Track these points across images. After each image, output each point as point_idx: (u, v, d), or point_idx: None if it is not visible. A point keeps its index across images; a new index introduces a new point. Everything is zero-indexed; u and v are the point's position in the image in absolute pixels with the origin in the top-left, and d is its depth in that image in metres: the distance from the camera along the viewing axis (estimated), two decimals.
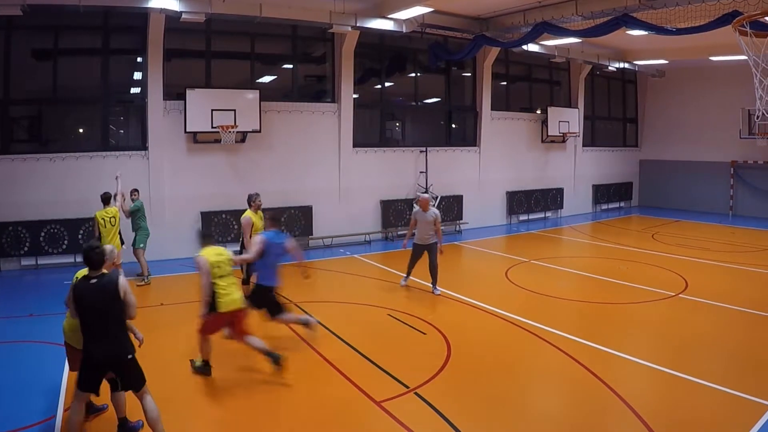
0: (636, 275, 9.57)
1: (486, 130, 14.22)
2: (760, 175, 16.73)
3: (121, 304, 3.67)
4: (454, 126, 14.44)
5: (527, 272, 9.65)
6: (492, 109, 14.30)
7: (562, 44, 13.91)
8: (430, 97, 14.14)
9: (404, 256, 9.83)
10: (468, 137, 14.42)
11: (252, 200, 7.05)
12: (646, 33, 11.27)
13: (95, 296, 3.60)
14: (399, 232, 12.50)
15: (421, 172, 12.93)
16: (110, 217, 7.45)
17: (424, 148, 12.99)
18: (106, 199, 7.60)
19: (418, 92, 13.45)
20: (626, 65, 16.27)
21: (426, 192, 12.68)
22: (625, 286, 8.84)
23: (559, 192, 16.26)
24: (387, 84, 12.96)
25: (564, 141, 16.25)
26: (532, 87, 16.09)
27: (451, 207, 13.46)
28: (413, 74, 13.45)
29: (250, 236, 6.57)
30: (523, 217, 15.39)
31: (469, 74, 14.30)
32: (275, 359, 4.93)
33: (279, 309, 5.60)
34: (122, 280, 3.72)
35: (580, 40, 13.24)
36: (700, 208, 17.75)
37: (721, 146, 17.15)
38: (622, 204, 18.91)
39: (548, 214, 16.23)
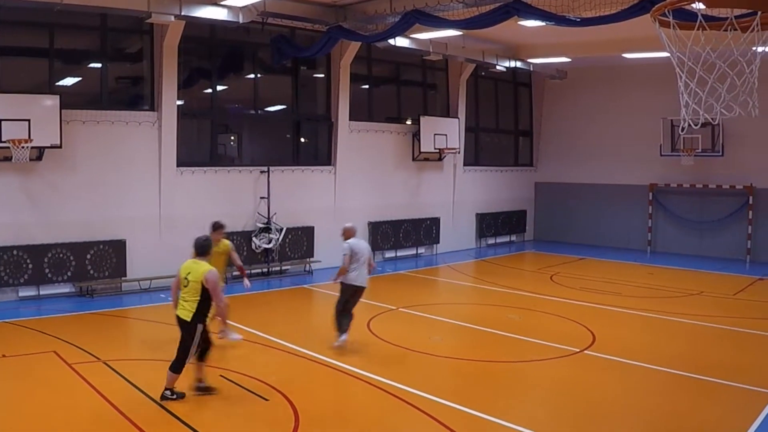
0: (530, 327, 12.81)
1: (343, 145, 19.14)
2: (685, 201, 22.77)
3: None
4: (303, 140, 19.39)
5: (394, 322, 12.91)
6: (351, 119, 19.29)
7: (438, 38, 18.52)
8: (274, 105, 18.95)
9: (245, 302, 13.87)
10: (321, 154, 19.33)
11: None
12: (543, 24, 14.80)
13: None
14: (234, 273, 16.55)
15: (262, 198, 17.37)
16: None
17: (266, 168, 17.45)
18: None
19: (258, 98, 18.00)
20: (519, 64, 22.30)
21: (268, 223, 16.99)
22: (517, 339, 11.87)
23: (435, 223, 21.90)
24: (220, 88, 17.34)
25: (441, 159, 21.96)
26: (402, 92, 21.76)
27: (299, 241, 18.05)
28: (252, 75, 18.06)
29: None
30: (389, 254, 20.63)
31: (323, 75, 19.27)
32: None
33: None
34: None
35: (460, 33, 17.63)
36: (611, 243, 23.91)
37: (638, 165, 23.54)
38: (514, 238, 25.43)
39: (421, 250, 21.84)
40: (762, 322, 13.39)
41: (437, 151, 21.23)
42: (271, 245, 17.28)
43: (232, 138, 18.33)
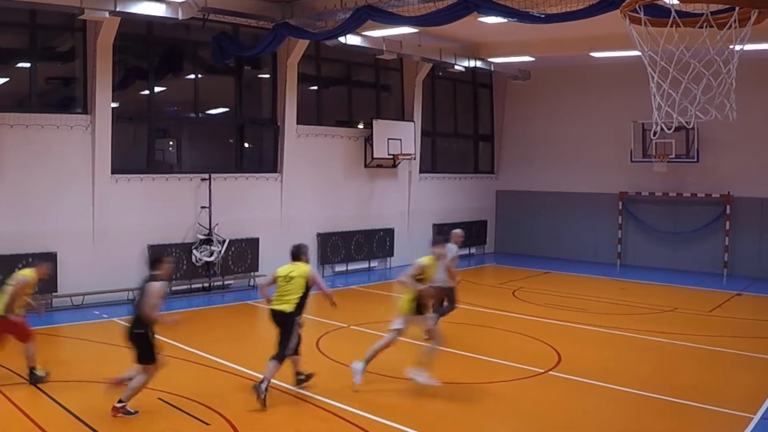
0: (491, 346, 13.47)
1: (291, 150, 20.22)
2: (657, 211, 23.90)
3: None
4: (247, 145, 20.39)
5: (345, 341, 13.55)
6: (298, 123, 20.38)
7: (392, 36, 19.51)
8: (216, 107, 20.00)
9: (184, 319, 14.24)
10: (266, 160, 20.38)
11: None
12: (504, 20, 15.42)
13: None
14: (173, 288, 17.50)
15: (202, 207, 18.29)
16: None
17: (207, 175, 18.38)
18: None
19: (199, 100, 19.00)
20: (479, 64, 23.63)
21: (210, 234, 17.93)
22: (477, 359, 12.45)
23: (389, 234, 23.16)
24: (158, 89, 18.24)
25: (395, 165, 23.22)
26: (353, 93, 22.97)
27: (243, 254, 19.03)
28: (193, 76, 19.04)
29: None
30: (340, 268, 21.79)
31: (268, 76, 20.33)
32: None
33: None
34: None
35: (416, 30, 18.60)
36: (578, 256, 24.98)
37: (606, 173, 24.80)
38: (473, 250, 26.66)
39: (374, 263, 23.05)
40: (740, 341, 14.14)
41: (391, 157, 22.40)
42: (212, 258, 18.17)
43: (171, 143, 19.15)
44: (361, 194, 22.57)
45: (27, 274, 10.93)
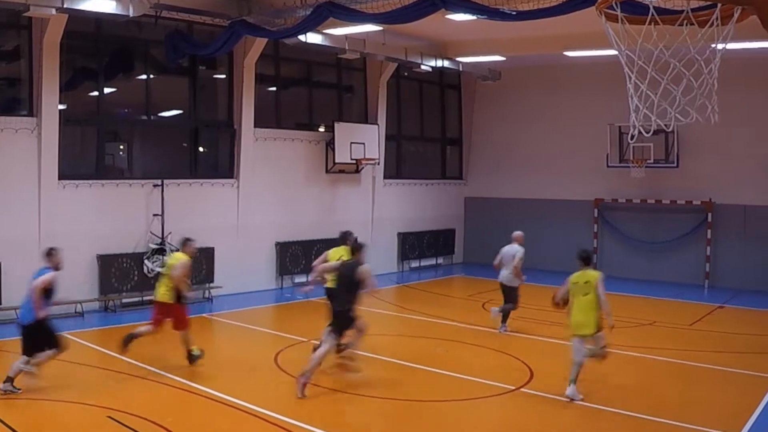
0: (460, 361, 13.82)
1: (248, 155, 20.89)
2: (635, 219, 24.56)
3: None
4: (202, 149, 21.03)
5: (306, 356, 13.08)
6: (256, 126, 21.04)
7: (355, 34, 20.07)
8: (169, 109, 20.62)
9: (149, 336, 14.82)
10: (222, 165, 21.04)
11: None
12: (473, 18, 15.88)
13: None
14: (124, 300, 18.09)
15: (155, 215, 18.84)
16: None
17: (159, 181, 18.94)
18: None
19: (151, 102, 19.56)
20: (446, 63, 24.46)
21: (163, 243, 18.51)
22: (445, 376, 12.76)
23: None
24: (107, 90, 18.77)
25: (358, 171, 24.00)
26: (314, 95, 23.74)
27: (198, 265, 19.24)
28: (145, 76, 19.59)
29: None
30: (299, 279, 22.32)
31: (224, 76, 20.98)
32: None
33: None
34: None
35: (380, 28, 19.33)
36: (551, 267, 24.49)
37: (581, 178, 25.59)
38: (441, 260, 27.59)
39: None
40: (722, 356, 14.56)
41: (354, 162, 23.20)
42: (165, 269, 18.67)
43: (122, 147, 19.72)
44: (322, 201, 23.28)
45: (181, 257, 13.31)
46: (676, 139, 22.90)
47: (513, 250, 16.58)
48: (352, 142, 23.07)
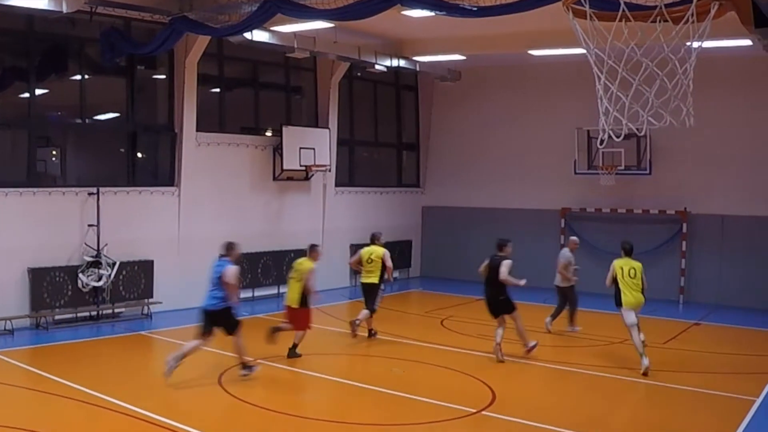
0: (417, 382, 14.16)
1: (190, 161, 21.51)
2: (604, 230, 24.85)
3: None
4: (140, 155, 21.56)
5: (252, 377, 14.14)
6: (198, 130, 21.63)
7: (305, 31, 20.66)
8: (105, 112, 21.10)
9: (69, 352, 15.48)
10: (162, 172, 21.63)
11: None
12: (431, 14, 16.18)
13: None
14: (56, 317, 18.67)
15: (90, 226, 19.36)
16: None
17: (95, 189, 19.44)
18: None
19: (86, 104, 20.02)
20: (402, 63, 25.16)
21: (98, 256, 19.11)
22: (401, 398, 13.05)
23: (300, 256, 23.29)
24: (39, 92, 19.21)
25: (308, 178, 24.80)
26: (260, 97, 24.35)
27: (136, 279, 20.18)
28: (79, 77, 20.07)
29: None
30: (246, 294, 22.87)
31: (164, 77, 21.60)
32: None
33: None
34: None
35: (332, 25, 19.62)
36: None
37: (547, 186, 26.31)
38: (397, 274, 27.76)
39: (284, 288, 23.28)
40: (698, 377, 15.00)
41: (303, 168, 23.89)
42: (101, 283, 19.13)
43: (54, 153, 20.09)
44: (269, 211, 23.96)
45: (310, 265, 16.14)
46: (649, 145, 23.59)
47: (564, 256, 19.42)
48: (301, 148, 23.66)
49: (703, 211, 24.07)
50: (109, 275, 19.35)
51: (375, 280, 18.00)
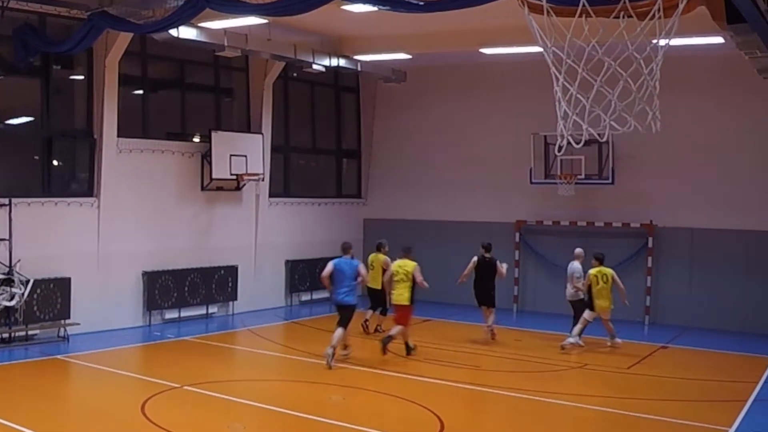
0: (359, 411, 14.62)
1: (110, 169, 22.00)
2: (563, 244, 24.61)
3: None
4: (57, 163, 21.98)
5: (178, 405, 14.63)
6: (120, 136, 22.15)
7: (236, 28, 21.19)
8: (17, 116, 21.60)
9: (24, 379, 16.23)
10: (80, 182, 22.13)
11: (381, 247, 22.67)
12: (374, 9, 16.55)
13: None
14: None
15: (1, 240, 19.71)
16: None
17: (6, 200, 19.80)
18: None
19: None
20: (342, 62, 25.85)
21: (10, 272, 19.67)
22: (341, 428, 13.24)
23: (231, 273, 25.42)
24: None
25: (239, 188, 25.48)
26: (188, 99, 24.93)
27: (51, 298, 20.52)
28: None
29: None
30: (171, 314, 23.78)
31: (83, 77, 22.09)
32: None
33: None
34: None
35: (265, 21, 20.24)
36: (465, 300, 24.12)
37: (500, 197, 26.91)
38: None
39: (213, 309, 25.11)
40: (664, 404, 15.46)
41: (234, 177, 24.57)
42: (13, 303, 19.39)
43: None
44: (197, 223, 24.57)
45: (413, 263, 20.12)
46: (612, 151, 24.20)
47: (572, 268, 21.42)
48: (232, 155, 24.27)
49: (670, 224, 24.77)
50: (23, 294, 19.59)
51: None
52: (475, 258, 21.96)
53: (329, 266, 19.02)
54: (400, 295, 19.90)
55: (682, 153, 24.38)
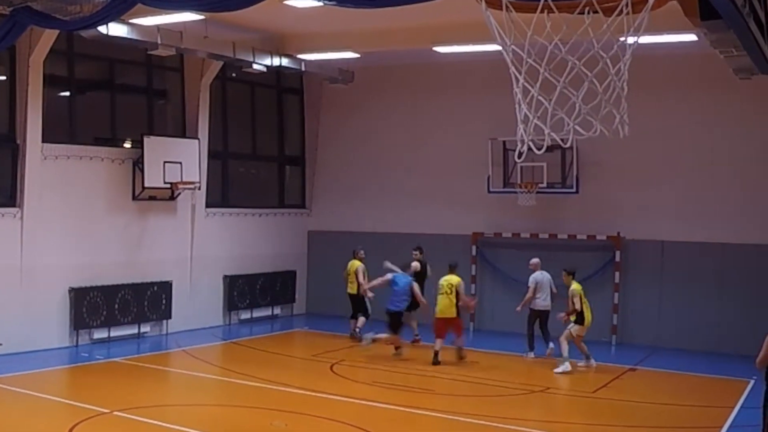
0: None
1: (35, 177, 22.41)
2: (523, 258, 23.94)
3: None
4: None
5: (110, 430, 15.01)
6: (45, 141, 22.54)
7: (170, 24, 21.47)
8: None
9: None
10: (2, 190, 22.39)
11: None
12: (318, 4, 16.70)
13: None
14: None
15: None
16: None
17: None
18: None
19: None
20: (285, 62, 26.34)
21: None
22: None
23: (165, 289, 25.85)
24: None
25: (174, 197, 25.98)
26: (118, 101, 25.38)
27: None
28: None
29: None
30: (99, 334, 24.16)
31: (4, 78, 22.48)
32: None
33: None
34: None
35: (202, 17, 20.75)
36: (417, 318, 24.14)
37: (455, 207, 27.40)
38: (278, 310, 29.60)
39: (145, 328, 25.49)
40: (631, 431, 16.03)
41: (168, 186, 25.04)
42: None
43: None
44: (128, 236, 24.99)
45: (458, 278, 22.35)
46: (576, 158, 24.76)
47: (543, 277, 22.83)
48: (165, 162, 24.74)
49: (639, 237, 25.33)
50: None
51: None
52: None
53: (388, 276, 23.44)
54: (447, 308, 22.06)
55: (651, 160, 24.88)
